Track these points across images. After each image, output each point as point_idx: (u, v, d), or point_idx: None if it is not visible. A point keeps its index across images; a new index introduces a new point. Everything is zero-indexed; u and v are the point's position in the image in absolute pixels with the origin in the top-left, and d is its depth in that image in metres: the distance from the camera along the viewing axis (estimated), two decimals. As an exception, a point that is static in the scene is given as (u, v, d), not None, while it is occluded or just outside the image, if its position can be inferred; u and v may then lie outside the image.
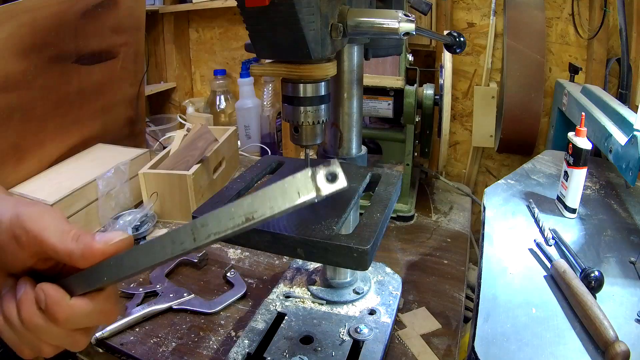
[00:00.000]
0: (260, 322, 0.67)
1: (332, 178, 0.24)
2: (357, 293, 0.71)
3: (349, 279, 0.73)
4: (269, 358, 0.60)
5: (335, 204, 0.55)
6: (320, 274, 0.75)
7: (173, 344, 0.70)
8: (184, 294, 0.79)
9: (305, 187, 0.24)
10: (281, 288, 0.75)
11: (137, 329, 0.73)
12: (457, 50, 0.67)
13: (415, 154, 1.08)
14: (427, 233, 1.03)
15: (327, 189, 0.24)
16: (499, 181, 0.91)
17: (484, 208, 0.81)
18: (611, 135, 0.76)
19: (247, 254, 0.94)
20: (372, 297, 0.72)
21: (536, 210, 0.77)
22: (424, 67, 1.37)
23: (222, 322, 0.75)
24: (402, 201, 1.07)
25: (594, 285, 0.58)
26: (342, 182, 0.24)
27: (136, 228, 0.98)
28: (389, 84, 0.98)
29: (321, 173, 0.24)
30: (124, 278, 0.31)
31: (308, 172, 0.24)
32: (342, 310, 0.69)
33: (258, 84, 1.60)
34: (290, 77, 0.53)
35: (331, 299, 0.71)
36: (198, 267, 0.89)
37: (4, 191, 0.43)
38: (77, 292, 0.32)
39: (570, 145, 0.75)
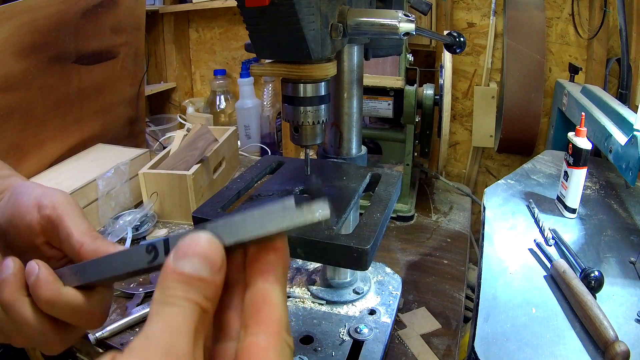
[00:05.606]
0: (260, 322, 0.67)
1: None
2: (357, 293, 0.71)
3: (349, 279, 0.73)
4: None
5: (335, 204, 0.55)
6: (320, 274, 0.75)
7: (173, 344, 0.70)
8: (184, 294, 0.79)
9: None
10: (281, 288, 0.74)
11: (137, 329, 0.73)
12: (457, 50, 0.67)
13: (415, 154, 1.08)
14: (427, 233, 1.03)
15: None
16: (499, 181, 0.91)
17: (484, 208, 0.81)
18: (611, 135, 0.76)
19: (247, 254, 0.94)
20: (372, 297, 0.72)
21: (536, 210, 0.77)
22: (424, 67, 1.37)
23: (222, 322, 0.75)
24: (402, 201, 1.07)
25: (594, 285, 0.58)
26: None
27: (136, 228, 0.98)
28: (389, 84, 0.98)
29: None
30: (113, 280, 0.30)
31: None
32: (342, 310, 0.69)
33: (258, 84, 1.60)
34: (290, 77, 0.53)
35: (331, 299, 0.71)
36: (198, 267, 0.89)
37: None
38: (68, 284, 0.32)
39: (570, 145, 0.75)
